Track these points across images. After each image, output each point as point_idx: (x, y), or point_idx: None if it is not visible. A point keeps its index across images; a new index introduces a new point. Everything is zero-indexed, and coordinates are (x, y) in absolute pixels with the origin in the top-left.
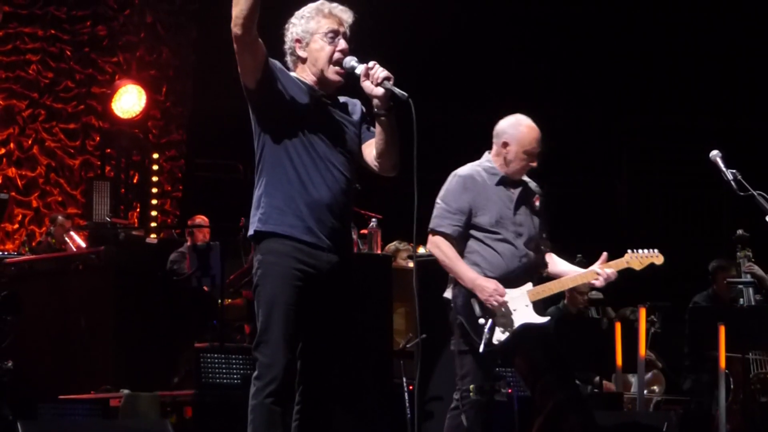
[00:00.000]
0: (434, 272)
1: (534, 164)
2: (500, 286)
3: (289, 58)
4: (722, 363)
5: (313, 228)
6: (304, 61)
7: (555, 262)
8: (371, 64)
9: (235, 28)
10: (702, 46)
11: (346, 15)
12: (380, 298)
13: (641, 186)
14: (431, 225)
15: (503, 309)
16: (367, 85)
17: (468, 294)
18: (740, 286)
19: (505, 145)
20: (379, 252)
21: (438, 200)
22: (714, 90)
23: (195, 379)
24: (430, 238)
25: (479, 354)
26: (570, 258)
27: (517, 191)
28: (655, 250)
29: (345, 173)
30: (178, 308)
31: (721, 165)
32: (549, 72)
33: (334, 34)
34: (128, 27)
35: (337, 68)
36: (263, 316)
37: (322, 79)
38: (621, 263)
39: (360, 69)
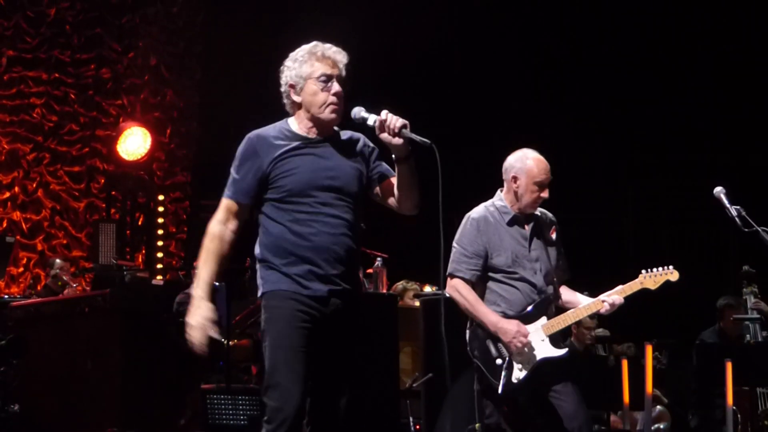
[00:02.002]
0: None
1: (545, 195)
2: (522, 327)
3: (285, 102)
4: (729, 399)
5: (310, 284)
6: (299, 106)
7: (566, 293)
8: (384, 115)
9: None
10: (707, 84)
11: (340, 56)
12: (386, 337)
13: (647, 222)
14: (449, 270)
15: (520, 349)
16: (384, 137)
17: (483, 336)
18: (747, 323)
19: (514, 179)
20: (384, 291)
21: (454, 244)
22: (718, 127)
23: (202, 420)
24: (449, 282)
25: (499, 395)
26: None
27: (530, 227)
28: (670, 267)
29: (343, 219)
30: (185, 349)
31: (725, 201)
32: (555, 110)
33: (327, 78)
34: (132, 69)
35: (331, 107)
36: (269, 360)
37: (318, 122)
38: (635, 285)
39: (372, 121)
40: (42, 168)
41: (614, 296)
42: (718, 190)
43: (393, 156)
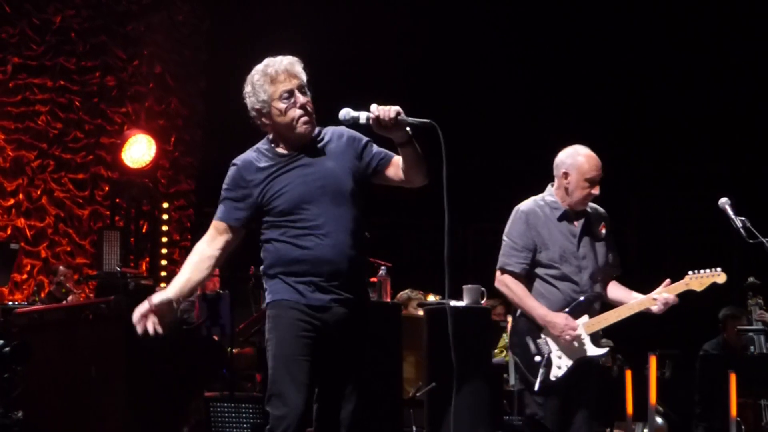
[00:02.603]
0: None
1: (596, 192)
2: (571, 320)
3: (257, 122)
4: (734, 410)
5: (313, 295)
6: (273, 127)
7: (615, 290)
8: (375, 110)
9: None
10: (711, 94)
11: (294, 66)
12: (390, 346)
13: (650, 234)
14: (499, 264)
15: (562, 344)
16: (382, 132)
17: (523, 332)
18: (751, 334)
19: (565, 175)
20: (388, 300)
21: (504, 237)
22: (723, 138)
23: (205, 428)
24: (498, 276)
25: (538, 392)
26: None
27: (580, 223)
28: (718, 269)
29: (342, 225)
30: (188, 357)
31: (730, 213)
32: (557, 122)
33: (289, 93)
34: (137, 77)
35: (302, 120)
36: (273, 369)
37: (294, 137)
38: (680, 286)
39: (365, 119)
40: (46, 175)
41: (665, 294)
42: (723, 201)
43: (396, 142)
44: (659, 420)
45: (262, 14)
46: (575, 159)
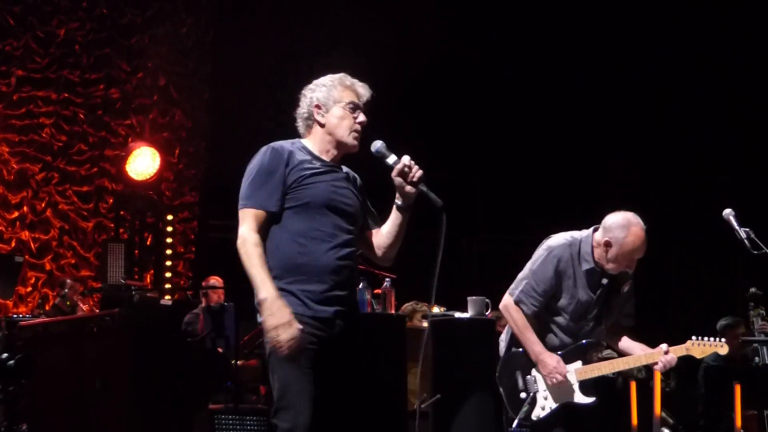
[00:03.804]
0: (449, 333)
1: (631, 269)
2: (562, 364)
3: (301, 123)
4: (738, 421)
5: (315, 306)
6: (321, 125)
7: (625, 341)
8: (408, 161)
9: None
10: (715, 104)
11: (365, 91)
12: (394, 358)
13: (655, 245)
14: (515, 297)
15: (551, 386)
16: (399, 182)
17: (513, 366)
18: (755, 345)
19: (607, 244)
20: (392, 312)
21: (529, 274)
22: (727, 148)
23: None
24: (506, 300)
25: (516, 427)
26: None
27: (606, 281)
28: (722, 340)
29: (350, 245)
30: (193, 370)
31: (734, 223)
32: (562, 131)
33: (355, 106)
34: (141, 90)
35: (354, 134)
36: (279, 382)
37: (339, 146)
38: (680, 350)
39: (393, 161)
40: (51, 188)
41: (670, 356)
42: (728, 212)
43: (397, 202)
44: (666, 431)
45: (265, 26)
46: (624, 236)
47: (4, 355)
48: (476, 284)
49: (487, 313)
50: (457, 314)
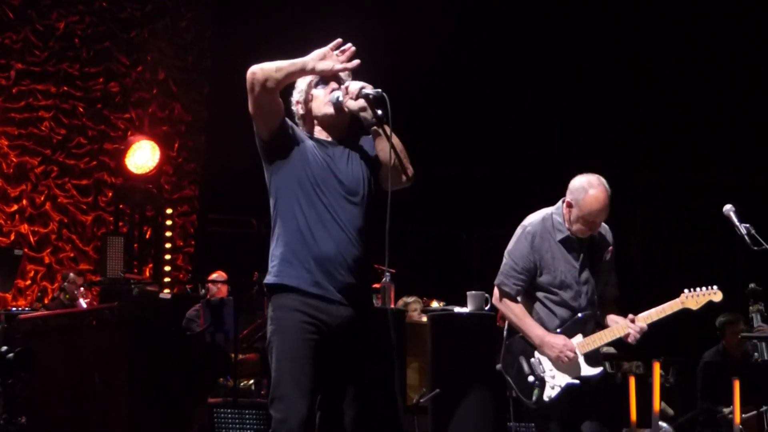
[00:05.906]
0: (447, 327)
1: (593, 231)
2: (569, 342)
3: (298, 122)
4: (737, 417)
5: (320, 281)
6: (310, 115)
7: (608, 311)
8: (344, 88)
9: (269, 83)
10: (715, 103)
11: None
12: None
13: (655, 242)
14: (497, 280)
15: (556, 365)
16: (350, 105)
17: (516, 352)
18: (755, 341)
19: (569, 205)
20: (393, 306)
21: (506, 255)
22: (727, 146)
23: None
24: (496, 294)
25: (533, 412)
26: None
27: (584, 248)
28: (714, 287)
29: (353, 224)
30: (192, 363)
31: (735, 219)
32: (563, 130)
33: (320, 80)
34: (141, 83)
35: (327, 104)
36: (275, 372)
37: (327, 123)
38: (675, 305)
39: (338, 93)
40: (50, 181)
41: (639, 324)
42: (728, 208)
43: (365, 124)
44: (666, 425)
45: (265, 20)
46: (584, 196)
47: (4, 348)
48: (476, 279)
49: (486, 308)
50: (457, 309)
